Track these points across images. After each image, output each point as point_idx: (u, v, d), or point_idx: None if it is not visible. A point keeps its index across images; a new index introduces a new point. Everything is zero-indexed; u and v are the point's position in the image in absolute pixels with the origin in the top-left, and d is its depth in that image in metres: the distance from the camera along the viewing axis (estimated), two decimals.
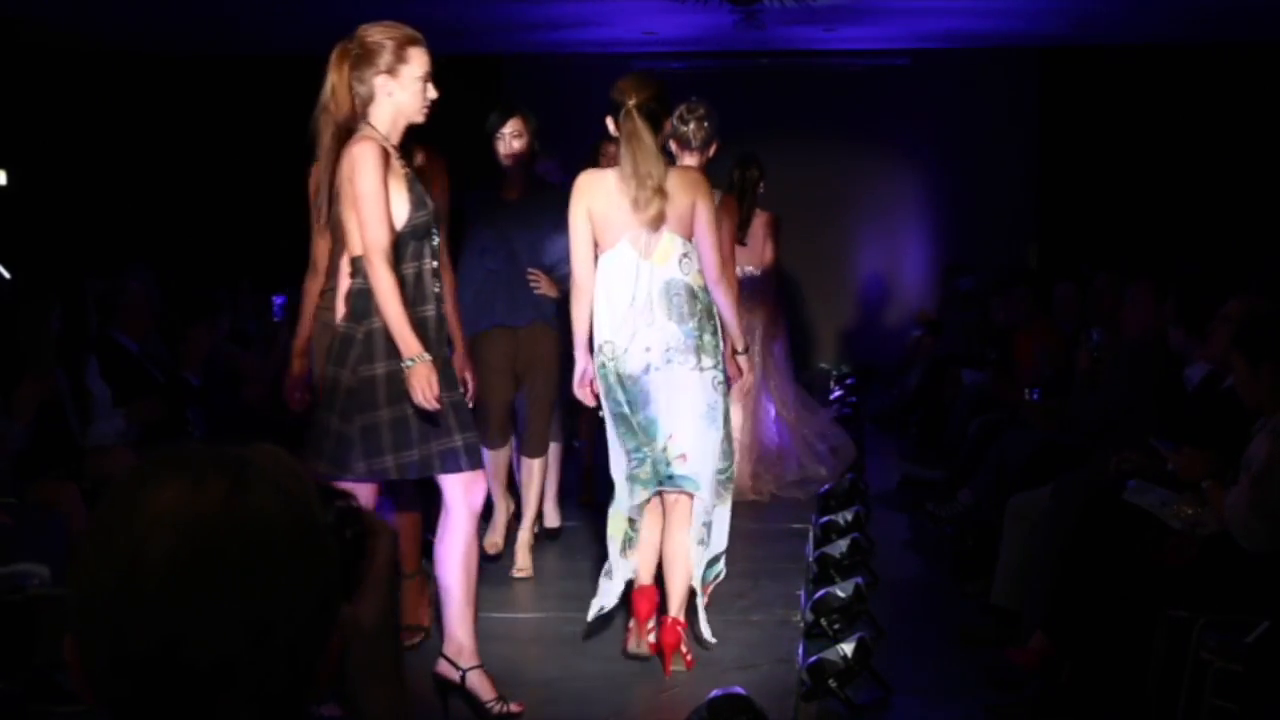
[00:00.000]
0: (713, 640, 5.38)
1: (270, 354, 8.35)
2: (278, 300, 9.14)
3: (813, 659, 5.09)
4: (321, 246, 5.24)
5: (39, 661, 4.91)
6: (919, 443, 10.01)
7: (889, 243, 14.25)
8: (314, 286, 5.36)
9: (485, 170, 6.53)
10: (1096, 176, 13.52)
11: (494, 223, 6.42)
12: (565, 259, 5.67)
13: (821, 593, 5.82)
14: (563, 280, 6.14)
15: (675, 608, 5.12)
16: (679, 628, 5.11)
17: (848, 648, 5.07)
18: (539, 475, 6.62)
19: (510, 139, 6.37)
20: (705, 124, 6.13)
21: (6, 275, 9.03)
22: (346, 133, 4.45)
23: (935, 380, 10.39)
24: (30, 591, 4.97)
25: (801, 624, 5.73)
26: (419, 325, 4.41)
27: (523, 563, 6.50)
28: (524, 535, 6.56)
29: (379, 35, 4.47)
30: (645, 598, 5.18)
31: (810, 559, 6.64)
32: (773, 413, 8.24)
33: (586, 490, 7.72)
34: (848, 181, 13.98)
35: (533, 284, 6.40)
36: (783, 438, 8.24)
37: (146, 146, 13.65)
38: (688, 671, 5.12)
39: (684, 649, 5.15)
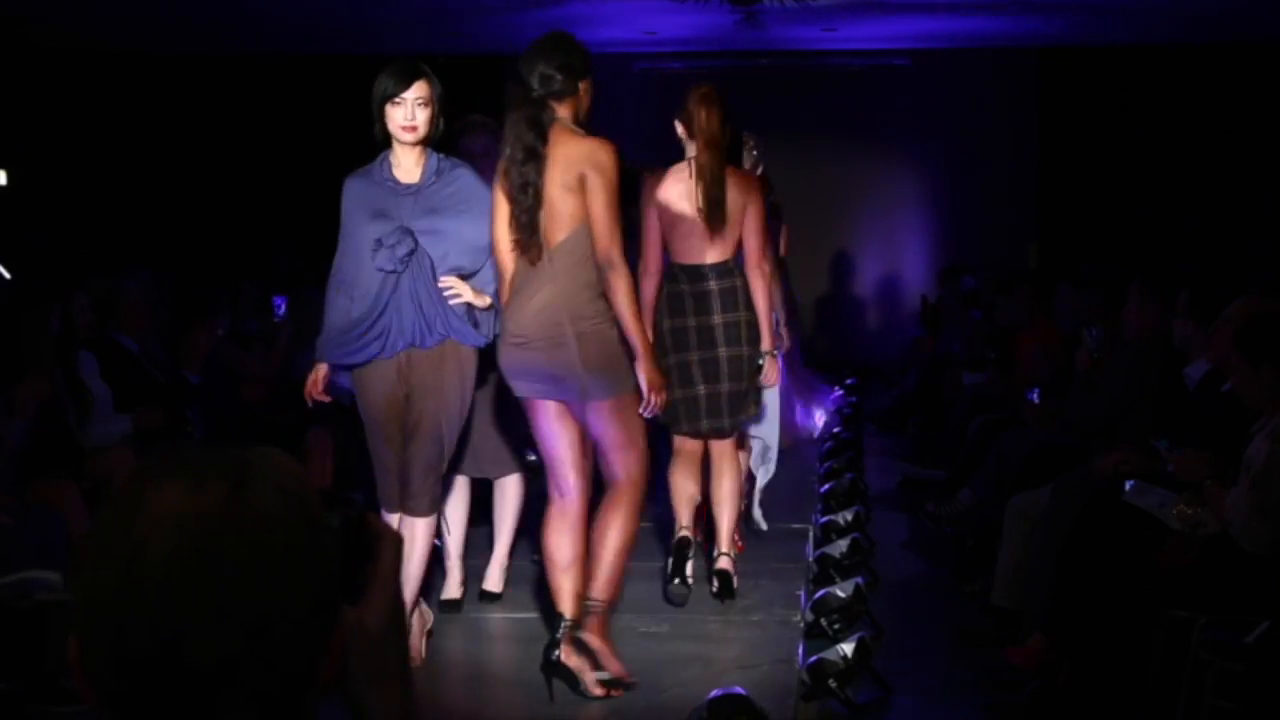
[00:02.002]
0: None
1: (270, 354, 8.34)
2: (278, 300, 9.13)
3: (813, 659, 5.08)
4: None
5: (48, 667, 4.92)
6: (919, 443, 10.01)
7: (889, 243, 14.25)
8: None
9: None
10: (1096, 176, 13.52)
11: (387, 213, 5.02)
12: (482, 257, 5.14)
13: (821, 593, 5.82)
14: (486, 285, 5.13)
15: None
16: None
17: (848, 648, 5.06)
18: (424, 539, 5.13)
19: (414, 106, 4.98)
20: (754, 153, 7.33)
21: (6, 275, 9.02)
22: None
23: (935, 380, 10.39)
24: (39, 597, 4.98)
25: (801, 624, 5.73)
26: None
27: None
28: (416, 621, 5.26)
29: None
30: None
31: (810, 559, 6.64)
32: None
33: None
34: (848, 181, 13.98)
35: (449, 292, 5.04)
36: None
37: (146, 146, 13.65)
38: (686, 673, 5.13)
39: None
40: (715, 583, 6.04)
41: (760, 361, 6.00)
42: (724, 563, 6.07)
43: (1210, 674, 4.44)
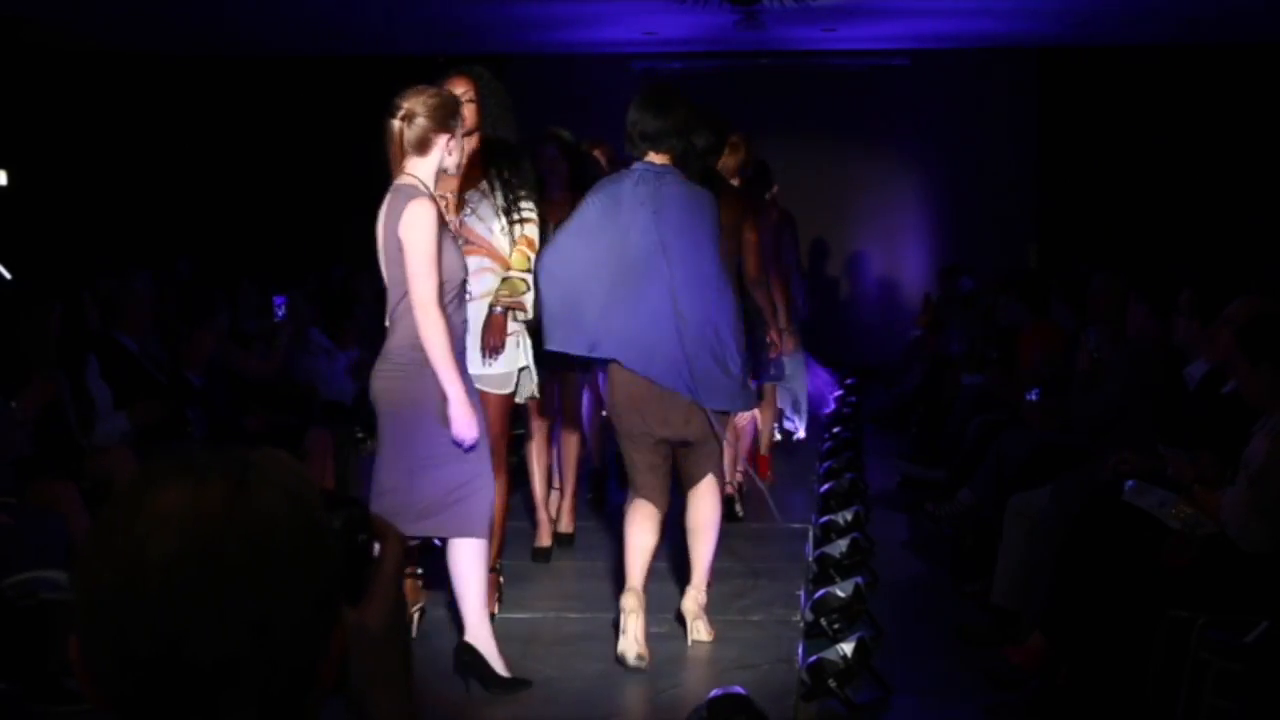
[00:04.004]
0: None
1: (270, 354, 8.34)
2: (278, 300, 9.13)
3: (813, 659, 5.08)
4: None
5: (53, 667, 4.92)
6: (919, 443, 10.00)
7: (889, 243, 14.26)
8: None
9: None
10: (1096, 176, 13.52)
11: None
12: None
13: (821, 593, 5.81)
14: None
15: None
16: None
17: (847, 648, 5.06)
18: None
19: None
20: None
21: (7, 276, 9.02)
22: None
23: (935, 380, 10.39)
24: (44, 596, 4.98)
25: (801, 624, 5.73)
26: None
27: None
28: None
29: None
30: None
31: (810, 559, 6.64)
32: None
33: (597, 489, 7.75)
34: (848, 181, 13.98)
35: None
36: None
37: (147, 147, 13.66)
38: (686, 673, 5.13)
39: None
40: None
41: None
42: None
43: (1210, 674, 4.44)
